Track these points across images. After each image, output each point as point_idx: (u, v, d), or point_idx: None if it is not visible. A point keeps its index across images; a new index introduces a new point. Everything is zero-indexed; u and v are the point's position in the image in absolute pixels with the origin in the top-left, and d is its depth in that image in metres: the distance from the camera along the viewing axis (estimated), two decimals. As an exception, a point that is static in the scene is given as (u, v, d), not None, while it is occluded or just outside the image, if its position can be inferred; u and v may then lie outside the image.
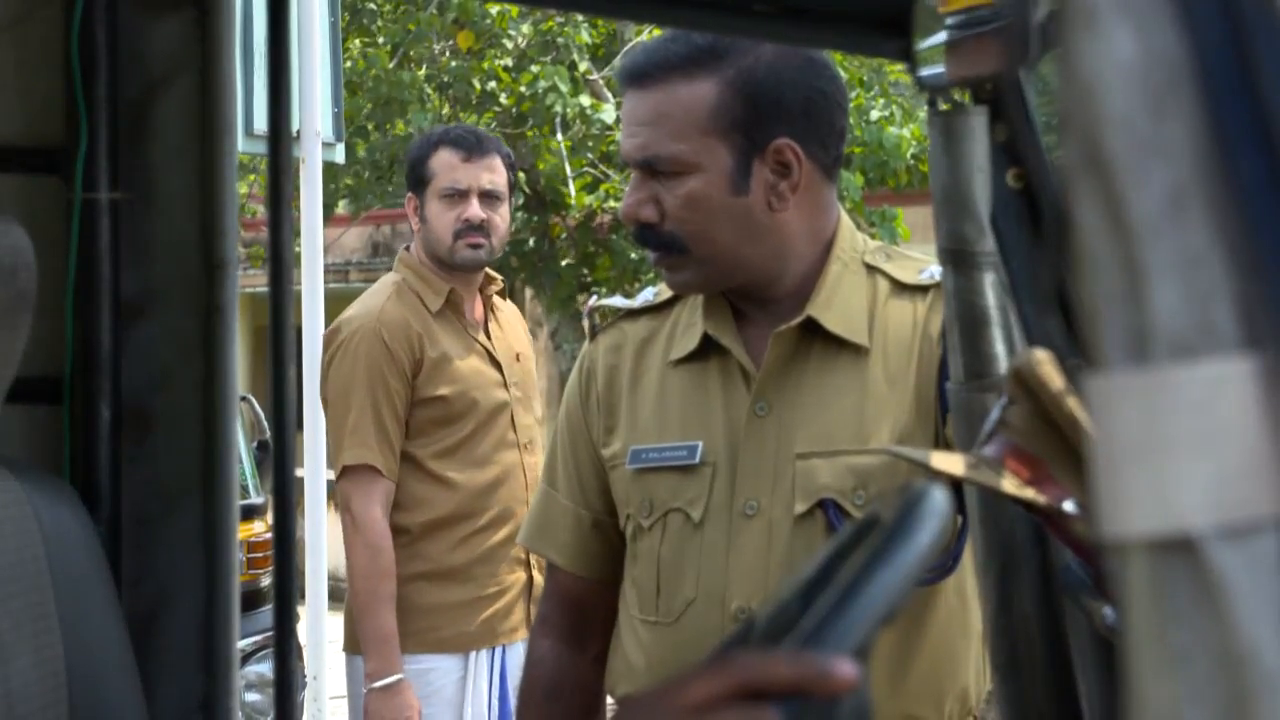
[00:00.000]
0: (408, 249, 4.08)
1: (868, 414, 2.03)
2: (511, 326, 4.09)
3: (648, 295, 2.24)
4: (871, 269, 2.11)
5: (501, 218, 4.02)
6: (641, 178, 2.06)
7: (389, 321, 3.89)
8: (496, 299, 4.09)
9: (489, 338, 4.00)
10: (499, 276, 4.13)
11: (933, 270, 2.09)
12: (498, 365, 3.97)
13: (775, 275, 2.08)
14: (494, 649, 3.94)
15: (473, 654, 3.93)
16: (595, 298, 2.32)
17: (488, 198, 3.97)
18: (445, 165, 3.97)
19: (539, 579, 3.88)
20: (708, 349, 2.12)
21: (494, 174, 3.99)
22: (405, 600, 3.88)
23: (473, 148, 3.98)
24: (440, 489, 3.90)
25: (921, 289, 2.09)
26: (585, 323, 2.30)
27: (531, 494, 3.89)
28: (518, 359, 4.03)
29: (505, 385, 3.96)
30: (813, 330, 2.07)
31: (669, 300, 2.21)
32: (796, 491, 2.03)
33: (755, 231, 2.04)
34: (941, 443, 2.01)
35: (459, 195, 3.94)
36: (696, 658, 2.04)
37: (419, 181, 3.99)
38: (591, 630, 2.26)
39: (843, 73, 12.29)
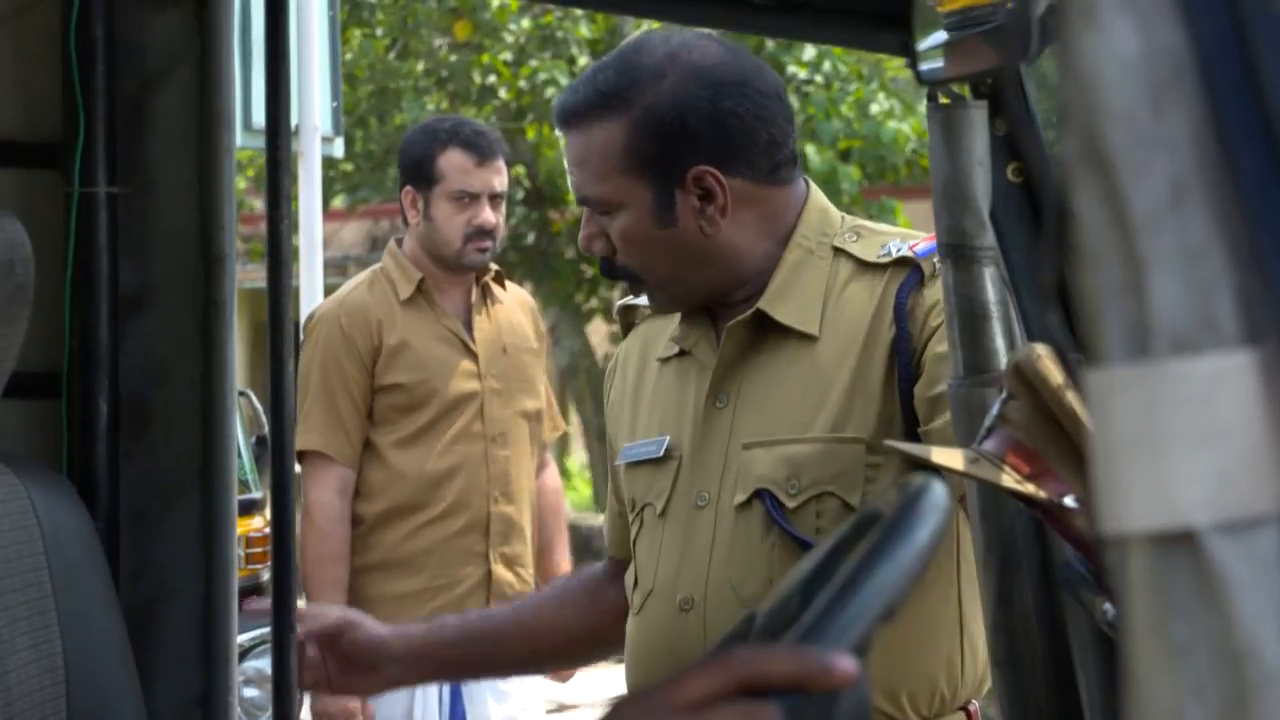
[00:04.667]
0: (398, 242, 4.06)
1: (808, 402, 2.05)
2: (508, 317, 4.05)
3: None
4: (839, 251, 2.11)
5: (501, 216, 4.02)
6: (589, 213, 2.12)
7: (349, 308, 3.91)
8: (497, 289, 4.06)
9: (470, 327, 3.97)
10: (493, 265, 4.09)
11: (891, 247, 2.08)
12: (473, 356, 3.94)
13: (734, 284, 2.12)
14: None
15: None
16: (630, 298, 2.34)
17: (495, 199, 3.97)
18: (456, 168, 3.93)
19: (498, 573, 3.89)
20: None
21: (501, 176, 3.99)
22: (357, 591, 3.88)
23: (485, 152, 3.95)
24: (394, 478, 3.89)
25: (879, 267, 2.08)
26: (618, 322, 2.35)
27: (495, 488, 3.90)
28: (504, 351, 3.99)
29: (479, 376, 3.93)
30: (765, 321, 2.08)
31: None
32: (738, 482, 2.05)
33: (695, 257, 2.08)
34: (898, 424, 2.01)
35: (471, 199, 3.92)
36: (655, 647, 2.07)
37: (424, 179, 3.95)
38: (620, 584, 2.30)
39: (842, 67, 12.20)
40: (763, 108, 2.07)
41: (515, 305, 4.11)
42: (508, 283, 4.16)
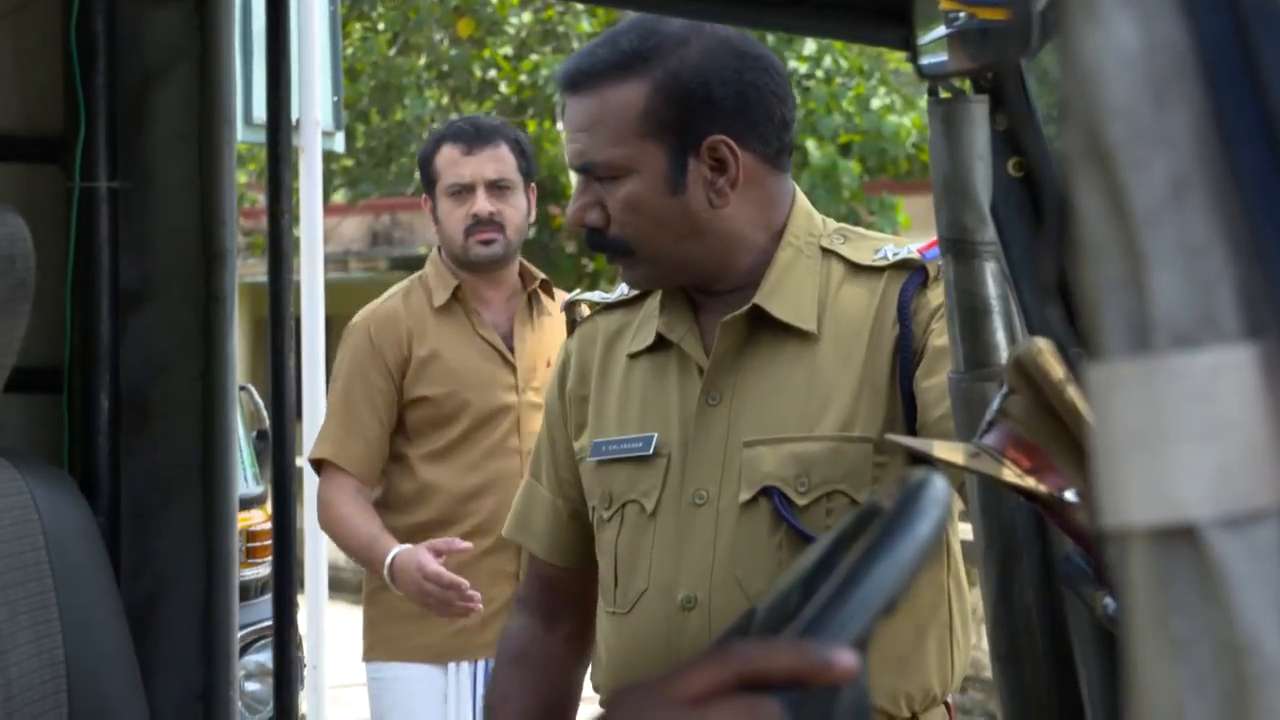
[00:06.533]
0: (438, 249, 3.95)
1: (813, 400, 2.04)
2: (555, 330, 3.78)
3: (623, 289, 2.24)
4: (827, 253, 2.11)
5: (515, 208, 3.83)
6: (584, 183, 2.07)
7: (379, 317, 3.80)
8: (546, 299, 3.90)
9: (510, 338, 3.83)
10: (540, 273, 3.93)
11: (887, 250, 2.09)
12: (511, 367, 3.81)
13: (725, 268, 2.09)
14: (475, 663, 3.80)
15: (452, 666, 3.81)
16: (576, 293, 2.33)
17: (495, 188, 3.81)
18: (448, 162, 3.82)
19: None
20: (667, 341, 2.13)
21: (499, 163, 3.82)
22: (380, 607, 3.79)
23: (472, 139, 3.83)
24: (424, 493, 3.77)
25: (877, 270, 2.08)
26: (564, 317, 2.31)
27: None
28: (548, 365, 3.74)
29: (517, 389, 3.80)
30: (761, 318, 2.07)
31: (643, 293, 2.21)
32: (742, 480, 2.04)
33: (698, 229, 2.05)
34: (901, 423, 2.00)
35: (465, 190, 3.79)
36: (648, 647, 2.06)
37: (429, 181, 3.87)
38: (563, 611, 2.29)
39: (843, 61, 12.19)
40: (779, 85, 2.08)
41: (560, 317, 3.98)
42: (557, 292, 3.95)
